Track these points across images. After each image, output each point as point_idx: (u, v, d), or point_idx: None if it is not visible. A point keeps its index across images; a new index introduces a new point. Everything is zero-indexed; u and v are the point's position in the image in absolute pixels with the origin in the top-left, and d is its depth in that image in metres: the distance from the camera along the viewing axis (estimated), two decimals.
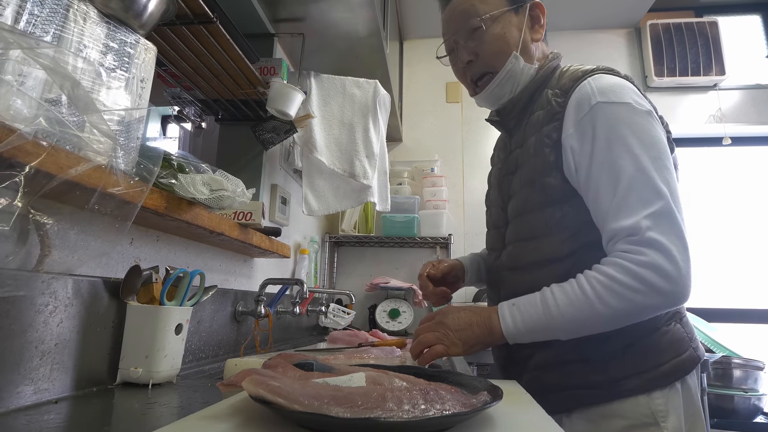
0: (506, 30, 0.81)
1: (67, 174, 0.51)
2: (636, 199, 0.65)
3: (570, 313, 0.66)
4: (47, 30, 0.54)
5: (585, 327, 0.67)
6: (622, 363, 0.71)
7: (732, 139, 2.43)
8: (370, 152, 1.49)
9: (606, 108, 0.70)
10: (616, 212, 0.66)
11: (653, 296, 0.63)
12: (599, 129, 0.69)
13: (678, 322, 0.76)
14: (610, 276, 0.64)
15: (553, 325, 0.67)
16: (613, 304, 0.64)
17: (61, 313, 0.63)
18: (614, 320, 0.66)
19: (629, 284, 0.63)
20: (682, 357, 0.73)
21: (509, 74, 0.82)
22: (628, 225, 0.65)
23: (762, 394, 1.79)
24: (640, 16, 2.60)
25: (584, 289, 0.66)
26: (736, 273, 2.41)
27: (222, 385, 0.45)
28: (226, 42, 1.04)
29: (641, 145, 0.67)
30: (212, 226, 0.92)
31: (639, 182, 0.66)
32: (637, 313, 0.65)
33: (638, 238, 0.64)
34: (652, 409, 0.70)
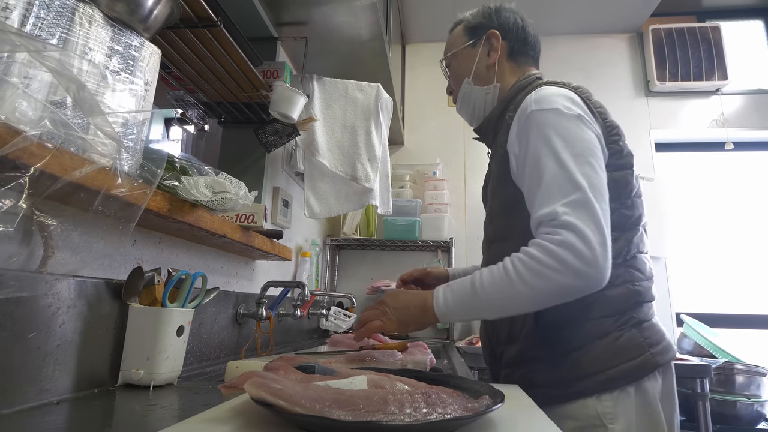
0: (461, 62, 0.98)
1: (72, 176, 0.51)
2: (556, 191, 0.70)
3: (493, 292, 0.70)
4: (53, 33, 0.54)
5: (507, 304, 0.70)
6: (573, 364, 0.75)
7: (734, 144, 2.43)
8: (372, 155, 1.49)
9: (538, 114, 0.76)
10: (539, 203, 0.71)
11: (569, 275, 0.65)
12: (531, 134, 0.76)
13: (634, 327, 0.77)
14: (529, 254, 0.68)
15: (479, 303, 0.71)
16: (531, 282, 0.66)
17: (63, 314, 0.63)
18: (533, 298, 0.68)
19: (545, 262, 0.66)
20: (634, 362, 0.74)
21: (464, 96, 0.97)
22: (547, 212, 0.69)
23: (765, 401, 1.78)
24: (643, 20, 2.61)
25: (507, 269, 0.69)
26: (739, 278, 2.40)
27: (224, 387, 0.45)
28: (229, 45, 1.04)
29: (564, 144, 0.72)
30: (214, 229, 0.92)
31: (559, 176, 0.70)
32: (554, 292, 0.67)
33: (555, 222, 0.68)
34: (599, 411, 0.72)
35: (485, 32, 0.95)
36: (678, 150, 2.63)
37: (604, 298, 0.75)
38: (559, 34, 2.70)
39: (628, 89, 2.61)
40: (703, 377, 1.67)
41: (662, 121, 2.55)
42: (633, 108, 2.58)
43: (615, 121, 0.83)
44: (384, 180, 1.61)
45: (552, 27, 2.65)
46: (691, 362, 1.72)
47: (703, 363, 1.72)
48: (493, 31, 0.95)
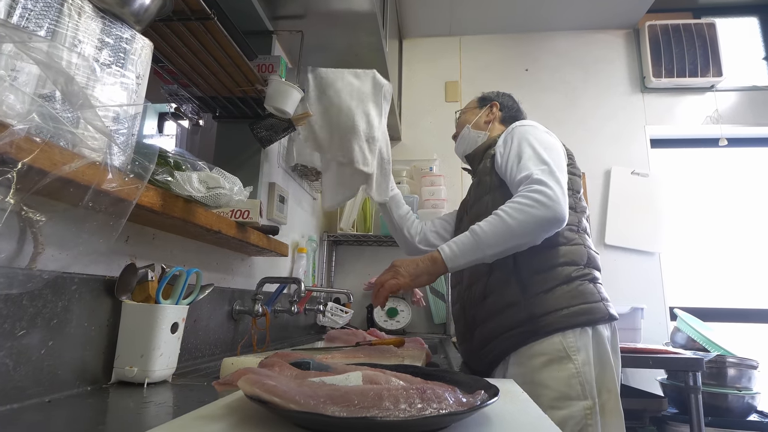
0: (467, 117, 1.33)
1: (61, 171, 0.50)
2: (531, 164, 0.98)
3: (491, 231, 0.91)
4: (41, 24, 0.53)
5: (503, 238, 0.91)
6: (541, 303, 0.96)
7: (728, 140, 2.44)
8: (370, 137, 1.46)
9: (519, 127, 1.10)
10: (518, 171, 0.99)
11: (539, 207, 0.90)
12: (514, 137, 1.07)
13: (591, 282, 1.02)
14: (514, 200, 0.93)
15: (481, 243, 0.91)
16: (518, 216, 0.90)
17: (54, 311, 0.62)
18: (521, 230, 0.90)
19: (525, 202, 0.91)
20: (590, 304, 0.97)
21: (462, 138, 1.32)
22: (524, 175, 0.96)
23: (756, 393, 1.80)
24: (639, 17, 2.61)
25: (498, 214, 0.93)
26: (732, 273, 2.42)
27: (218, 384, 0.45)
28: (223, 39, 1.03)
29: (539, 144, 1.02)
30: (209, 224, 0.91)
31: (533, 156, 0.99)
32: (533, 221, 0.90)
33: (529, 179, 0.95)
34: (565, 345, 0.94)
35: (490, 102, 1.31)
36: (673, 146, 2.64)
37: (565, 251, 1.02)
38: (556, 29, 2.70)
39: (624, 85, 2.61)
40: (695, 370, 1.69)
41: (657, 117, 2.56)
42: (629, 104, 2.58)
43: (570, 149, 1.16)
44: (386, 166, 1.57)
45: (549, 22, 2.65)
46: (684, 356, 1.74)
47: (695, 356, 1.73)
48: (494, 102, 1.31)
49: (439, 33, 2.78)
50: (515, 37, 2.74)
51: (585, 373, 0.92)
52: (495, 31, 2.74)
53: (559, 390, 0.92)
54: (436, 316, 2.29)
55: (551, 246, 1.00)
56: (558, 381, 0.92)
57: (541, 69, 2.68)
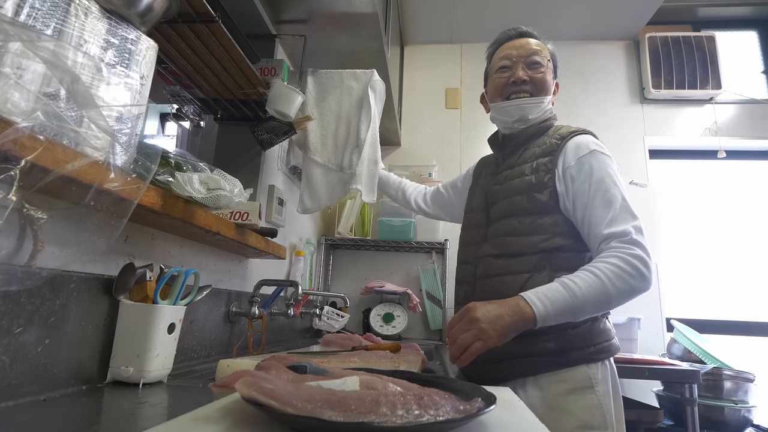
0: (549, 79, 1.11)
1: (64, 169, 0.50)
2: (624, 216, 0.92)
3: (590, 294, 0.85)
4: (48, 24, 0.53)
5: (599, 305, 0.87)
6: (571, 338, 0.95)
7: (727, 153, 2.45)
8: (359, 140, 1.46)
9: (599, 155, 0.99)
10: (611, 222, 0.92)
11: (640, 280, 0.87)
12: (595, 167, 0.97)
13: (606, 318, 1.02)
14: (616, 264, 0.87)
15: (577, 305, 0.85)
16: (618, 285, 0.85)
17: (52, 309, 0.62)
18: (618, 299, 0.87)
19: (629, 271, 0.86)
20: (609, 342, 0.99)
21: (541, 103, 1.09)
22: (621, 230, 0.90)
23: (752, 406, 1.80)
24: (639, 28, 2.63)
25: (598, 275, 0.86)
26: (729, 285, 2.43)
27: (214, 386, 0.45)
28: (227, 41, 1.04)
29: (619, 184, 0.96)
30: (208, 226, 0.91)
31: (624, 206, 0.93)
32: (630, 292, 0.87)
33: (628, 239, 0.89)
34: (590, 375, 0.94)
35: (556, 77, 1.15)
36: (671, 157, 2.65)
37: None
38: (556, 39, 2.70)
39: (624, 96, 2.63)
40: (691, 382, 1.68)
41: (656, 128, 2.57)
42: (628, 114, 2.60)
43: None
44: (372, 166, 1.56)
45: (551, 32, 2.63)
46: (680, 367, 1.74)
47: (692, 368, 1.73)
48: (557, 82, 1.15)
49: (440, 40, 2.80)
50: None
51: (605, 404, 0.93)
52: None
53: (582, 418, 0.92)
54: (432, 322, 2.29)
55: None
56: (581, 409, 0.92)
57: None
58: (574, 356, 0.94)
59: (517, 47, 1.12)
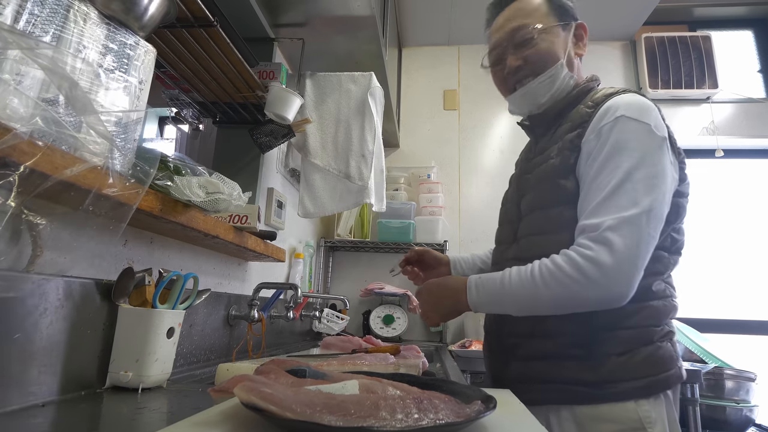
0: (555, 41, 0.88)
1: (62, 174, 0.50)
2: (614, 204, 0.71)
3: (518, 291, 0.75)
4: (47, 30, 0.53)
5: (529, 305, 0.76)
6: (615, 368, 0.76)
7: (724, 152, 2.46)
8: (366, 151, 1.47)
9: (627, 122, 0.75)
10: (593, 211, 0.73)
11: (587, 286, 0.69)
12: (613, 137, 0.75)
13: (669, 341, 0.81)
14: (557, 264, 0.72)
15: (505, 299, 0.77)
16: (554, 288, 0.71)
17: (51, 314, 0.62)
18: (554, 304, 0.73)
19: (568, 273, 0.70)
20: (669, 373, 0.78)
21: (551, 78, 0.88)
22: (594, 223, 0.71)
23: (754, 406, 1.79)
24: (636, 29, 2.64)
25: (534, 273, 0.74)
26: (728, 284, 2.43)
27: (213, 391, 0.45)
28: (226, 45, 1.04)
29: (642, 163, 0.72)
30: (207, 229, 0.91)
31: (623, 191, 0.71)
32: (574, 301, 0.71)
33: (595, 235, 0.70)
34: (641, 415, 0.74)
35: (573, 21, 0.91)
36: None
37: (651, 308, 0.79)
38: None
39: None
40: (693, 382, 1.68)
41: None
42: None
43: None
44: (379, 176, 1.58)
45: None
46: None
47: (693, 368, 1.73)
48: (582, 23, 0.92)
49: (438, 42, 2.80)
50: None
51: None
52: None
53: None
54: None
55: (635, 300, 0.74)
56: None
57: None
58: (618, 390, 0.75)
59: (498, 30, 0.93)
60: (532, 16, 0.88)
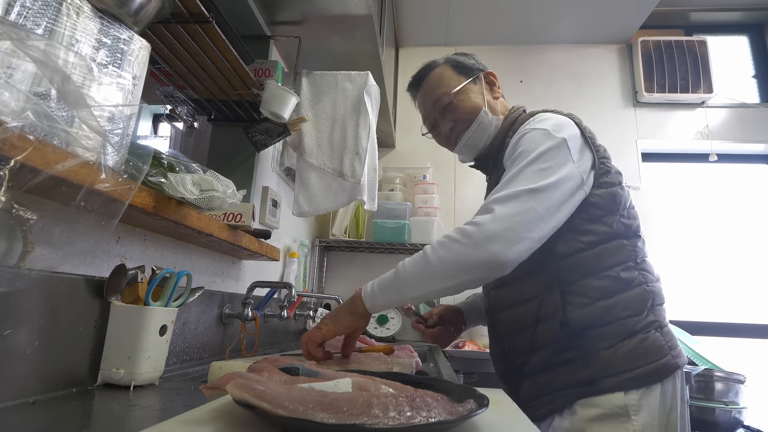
0: (471, 96, 1.00)
1: (54, 169, 0.50)
2: (504, 188, 0.78)
3: (412, 269, 0.77)
4: (39, 23, 0.53)
5: (424, 280, 0.76)
6: (603, 364, 0.80)
7: (718, 156, 2.48)
8: (359, 149, 1.47)
9: (529, 134, 0.85)
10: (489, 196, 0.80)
11: (471, 247, 0.72)
12: (516, 149, 0.85)
13: (657, 330, 0.84)
14: (446, 234, 0.77)
15: (401, 283, 0.77)
16: (442, 255, 0.74)
17: (41, 311, 0.61)
18: (444, 271, 0.74)
19: (454, 237, 0.75)
20: (658, 363, 0.81)
21: (480, 125, 0.99)
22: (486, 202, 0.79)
23: (743, 408, 1.81)
24: (632, 32, 2.66)
25: (425, 249, 0.77)
26: (720, 287, 2.45)
27: (206, 388, 0.45)
28: (221, 42, 1.03)
29: (537, 159, 0.79)
30: (201, 227, 0.91)
31: (513, 181, 0.78)
32: (460, 264, 0.73)
33: (483, 208, 0.78)
34: (626, 403, 0.78)
35: (478, 72, 1.03)
36: (664, 160, 2.68)
37: (625, 299, 0.83)
38: (550, 42, 2.74)
39: (617, 99, 2.65)
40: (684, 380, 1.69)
41: (649, 131, 2.60)
42: (621, 118, 2.62)
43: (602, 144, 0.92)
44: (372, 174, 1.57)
45: (544, 35, 2.69)
46: None
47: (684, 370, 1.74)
48: (489, 71, 1.06)
49: (434, 43, 2.81)
50: (510, 49, 2.77)
51: None
52: (490, 42, 2.77)
53: None
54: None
55: (606, 295, 0.82)
56: None
57: (535, 81, 2.72)
58: (608, 384, 0.80)
59: (422, 105, 1.08)
60: (444, 85, 1.01)
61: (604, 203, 0.85)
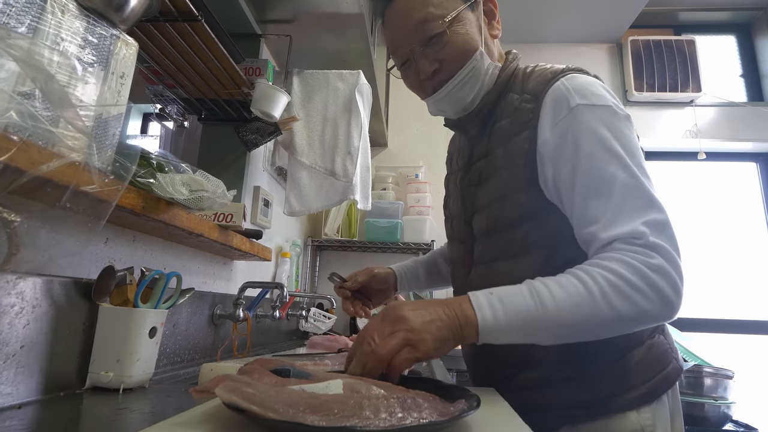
0: (467, 28, 0.73)
1: (39, 170, 0.49)
2: (632, 207, 0.60)
3: (568, 310, 0.55)
4: (22, 21, 0.52)
5: (580, 329, 0.57)
6: (610, 380, 0.68)
7: (707, 154, 2.51)
8: (351, 148, 1.47)
9: (587, 111, 0.64)
10: (611, 220, 0.60)
11: (657, 304, 0.56)
12: (581, 134, 0.63)
13: (661, 333, 0.74)
14: (620, 274, 0.56)
15: (544, 322, 0.56)
16: (618, 305, 0.55)
17: (28, 314, 0.60)
18: (614, 325, 0.57)
19: (638, 286, 0.56)
20: (667, 370, 0.71)
21: (472, 72, 0.74)
22: (627, 230, 0.58)
23: (731, 402, 1.84)
24: (622, 32, 2.68)
25: (587, 284, 0.56)
26: (709, 284, 2.48)
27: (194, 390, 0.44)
28: (210, 41, 1.02)
29: (626, 152, 0.63)
30: (191, 227, 0.90)
31: (633, 190, 0.61)
32: (637, 319, 0.58)
33: (644, 242, 0.57)
34: (642, 424, 0.67)
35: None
36: (653, 159, 2.70)
37: None
38: (543, 41, 2.75)
39: None
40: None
41: (639, 130, 2.57)
42: None
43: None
44: (364, 173, 1.57)
45: (537, 35, 2.70)
46: None
47: None
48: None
49: None
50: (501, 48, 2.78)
51: None
52: None
53: None
54: None
55: None
56: None
57: None
58: (618, 404, 0.68)
59: (399, 27, 0.75)
60: (432, 4, 0.71)
61: None
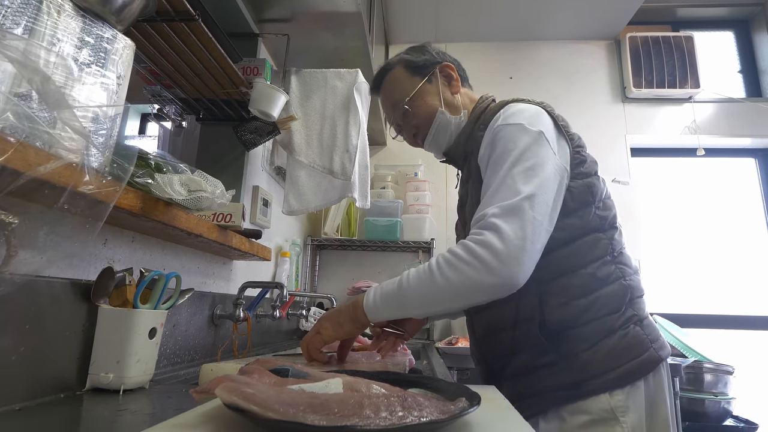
0: (428, 99, 0.96)
1: (36, 171, 0.49)
2: (496, 197, 0.74)
3: (416, 286, 0.72)
4: (18, 22, 0.52)
5: (429, 300, 0.72)
6: (584, 365, 0.78)
7: (705, 150, 2.51)
8: (349, 146, 1.46)
9: (502, 129, 0.80)
10: (479, 208, 0.76)
11: (481, 270, 0.68)
12: (494, 148, 0.80)
13: (637, 324, 0.82)
14: (452, 252, 0.72)
15: (404, 299, 0.73)
16: (450, 276, 0.69)
17: (27, 316, 0.60)
18: (452, 294, 0.70)
19: (464, 258, 0.69)
20: (640, 358, 0.79)
21: (439, 127, 0.96)
22: (480, 214, 0.74)
23: (731, 398, 1.84)
24: (620, 28, 2.68)
25: (431, 265, 0.72)
26: (709, 280, 2.49)
27: (195, 391, 0.44)
28: (208, 40, 1.02)
29: (519, 159, 0.75)
30: (190, 228, 0.90)
31: (504, 186, 0.74)
32: (471, 288, 0.69)
33: (482, 222, 0.72)
34: (612, 405, 0.76)
35: (434, 67, 0.99)
36: (652, 155, 2.70)
37: (602, 297, 0.80)
38: (540, 38, 2.75)
39: (606, 95, 2.67)
40: (673, 376, 1.72)
41: (638, 126, 2.62)
42: (610, 113, 2.64)
43: (576, 132, 0.89)
44: (363, 171, 1.57)
45: (534, 32, 2.70)
46: None
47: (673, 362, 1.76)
48: (446, 63, 1.00)
49: (425, 40, 2.78)
50: (500, 46, 2.78)
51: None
52: (480, 39, 2.78)
53: None
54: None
55: (583, 294, 0.79)
56: None
57: (524, 77, 2.73)
58: (591, 387, 0.77)
59: (385, 109, 1.07)
60: (398, 90, 0.99)
61: (579, 195, 0.82)
